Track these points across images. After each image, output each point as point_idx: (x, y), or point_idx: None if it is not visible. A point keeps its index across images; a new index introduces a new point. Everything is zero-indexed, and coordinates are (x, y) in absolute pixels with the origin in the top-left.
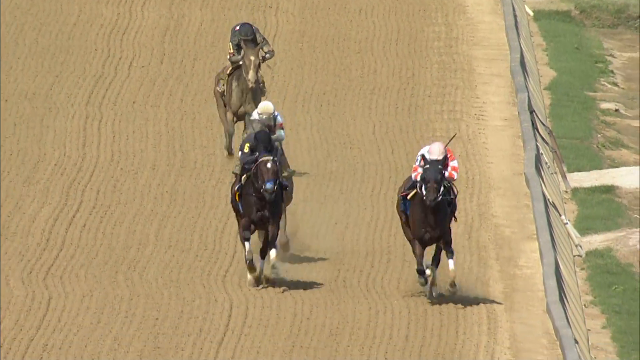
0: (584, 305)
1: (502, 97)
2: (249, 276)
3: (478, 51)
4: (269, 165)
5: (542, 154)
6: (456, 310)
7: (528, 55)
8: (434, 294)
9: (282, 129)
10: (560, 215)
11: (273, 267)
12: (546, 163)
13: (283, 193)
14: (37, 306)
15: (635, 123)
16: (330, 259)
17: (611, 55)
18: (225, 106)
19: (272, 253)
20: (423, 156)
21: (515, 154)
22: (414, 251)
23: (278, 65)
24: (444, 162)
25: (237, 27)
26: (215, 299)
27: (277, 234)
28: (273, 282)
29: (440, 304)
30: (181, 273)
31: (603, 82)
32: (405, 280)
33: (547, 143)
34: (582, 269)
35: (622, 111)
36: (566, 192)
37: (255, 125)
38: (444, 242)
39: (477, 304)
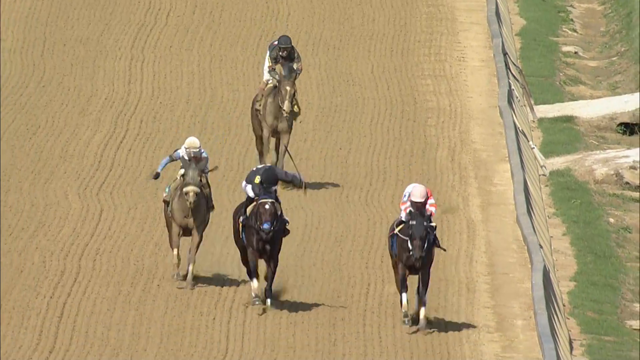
0: (548, 216)
1: (480, 42)
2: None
3: (460, 3)
4: (267, 206)
5: (513, 89)
6: (439, 221)
7: (502, 6)
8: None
9: (207, 160)
10: (528, 141)
11: (264, 310)
12: (517, 97)
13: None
14: (91, 217)
15: (592, 63)
16: (335, 179)
17: (571, 6)
18: (260, 124)
19: (268, 302)
20: (410, 211)
21: (490, 90)
22: (397, 278)
23: (291, 15)
24: (429, 216)
25: (276, 42)
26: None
27: (276, 266)
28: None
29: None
30: (213, 190)
31: (564, 29)
32: (399, 197)
33: (517, 80)
34: (546, 185)
35: (580, 53)
36: (533, 121)
37: (191, 170)
38: (422, 282)
39: (458, 214)
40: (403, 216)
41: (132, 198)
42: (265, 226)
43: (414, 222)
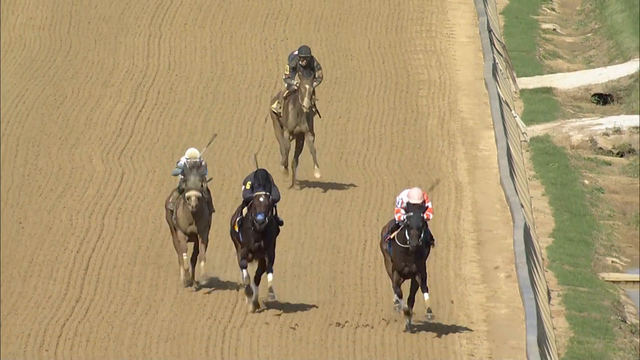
0: (528, 178)
1: (467, 20)
2: (246, 299)
3: None
4: (261, 199)
5: (497, 63)
6: (430, 181)
7: None
8: (410, 325)
9: (206, 168)
10: (511, 110)
11: (270, 290)
12: (500, 70)
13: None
14: (113, 179)
15: (568, 39)
16: (335, 145)
17: None
18: (281, 126)
19: (269, 277)
20: (407, 203)
21: (477, 64)
22: (393, 282)
23: None
24: (423, 206)
25: (296, 52)
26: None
27: (272, 261)
28: (268, 305)
29: (418, 184)
30: (223, 154)
31: (544, 8)
32: (393, 161)
33: (501, 55)
34: (527, 151)
35: (558, 30)
36: (515, 92)
37: (192, 177)
38: (421, 279)
39: (447, 177)
40: (397, 221)
41: (150, 162)
42: (259, 217)
43: (411, 214)
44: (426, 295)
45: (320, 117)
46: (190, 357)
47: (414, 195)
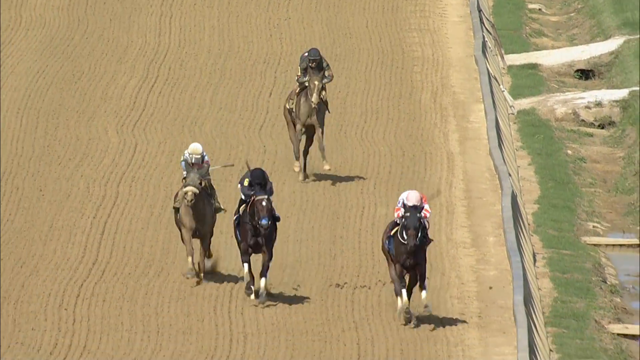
0: (516, 149)
1: (458, 0)
2: (246, 292)
3: None
4: (264, 203)
5: (486, 41)
6: (424, 153)
7: None
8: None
9: (209, 165)
10: (499, 85)
11: (260, 295)
12: (489, 47)
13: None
14: (127, 149)
15: (553, 18)
16: (334, 118)
17: None
18: (294, 124)
19: (262, 282)
20: (404, 204)
21: (467, 41)
22: (395, 281)
23: None
24: (421, 208)
25: (306, 53)
26: (253, 146)
27: (271, 258)
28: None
29: (412, 154)
30: (230, 127)
31: None
32: (389, 133)
33: (490, 33)
34: (515, 123)
35: (543, 10)
36: (503, 68)
37: (192, 174)
38: (420, 275)
39: (439, 148)
40: (397, 220)
41: (162, 134)
42: (264, 222)
43: (408, 214)
44: (424, 292)
45: (329, 112)
46: (199, 316)
47: (411, 198)
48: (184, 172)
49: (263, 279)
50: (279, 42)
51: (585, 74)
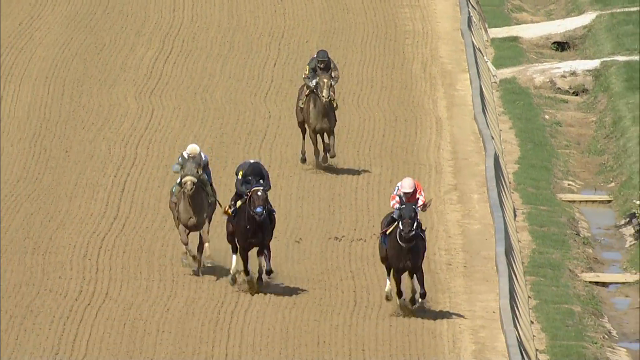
0: (498, 114)
1: None
2: (243, 279)
3: None
4: (259, 193)
5: (472, 16)
6: (414, 118)
7: None
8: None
9: (208, 166)
10: (483, 56)
11: (259, 279)
12: (474, 22)
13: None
14: (145, 115)
15: None
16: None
17: None
18: (303, 120)
19: (262, 260)
20: (399, 197)
21: (454, 16)
22: (389, 277)
23: None
24: (414, 193)
25: (315, 55)
26: (259, 112)
27: (266, 250)
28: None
29: (404, 119)
30: (238, 94)
31: None
32: (383, 100)
33: (475, 9)
34: (497, 90)
35: None
36: (487, 41)
37: (189, 164)
38: (418, 275)
39: (429, 113)
40: (395, 214)
41: (176, 100)
42: (258, 210)
43: (403, 206)
44: (418, 293)
45: (337, 107)
46: (211, 268)
47: (405, 185)
48: (177, 169)
49: (262, 258)
50: (283, 17)
51: (561, 46)
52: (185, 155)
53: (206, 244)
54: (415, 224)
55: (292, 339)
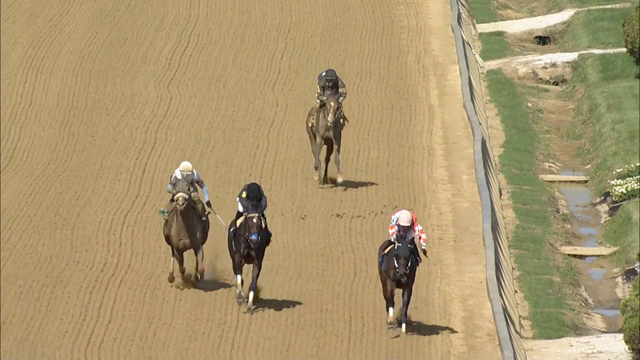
0: (485, 102)
1: None
2: (237, 301)
3: None
4: (254, 220)
5: (461, 13)
6: (409, 106)
7: None
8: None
9: (204, 185)
10: (471, 49)
11: (249, 305)
12: (464, 18)
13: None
14: (164, 103)
15: None
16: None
17: None
18: (314, 136)
19: (250, 295)
20: (396, 236)
21: (445, 13)
22: (386, 294)
23: None
24: (411, 227)
25: (324, 73)
26: (267, 100)
27: (259, 270)
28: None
29: (399, 107)
30: (248, 84)
31: None
32: (380, 89)
33: (464, 6)
34: (484, 80)
35: None
36: (475, 35)
37: (181, 183)
38: (407, 293)
39: (422, 102)
40: (392, 239)
41: (192, 89)
42: (253, 237)
43: (400, 244)
44: (404, 326)
45: (347, 122)
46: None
47: (403, 218)
48: (170, 189)
49: (251, 293)
50: (289, 14)
51: (543, 40)
52: (178, 174)
53: (202, 266)
54: (409, 264)
55: (298, 307)
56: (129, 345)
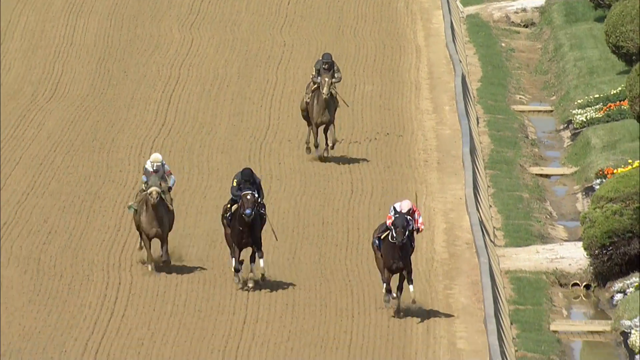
0: (465, 42)
1: None
2: (234, 278)
3: None
4: (249, 197)
5: None
6: (399, 46)
7: None
8: (399, 313)
9: (171, 174)
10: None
11: (262, 278)
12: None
13: (260, 220)
14: (186, 43)
15: None
16: (334, 20)
17: None
18: (309, 115)
19: (261, 262)
20: (394, 209)
21: None
22: (382, 278)
23: None
24: (410, 213)
25: (320, 58)
26: (276, 41)
27: (260, 248)
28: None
29: (391, 47)
30: (259, 27)
31: None
32: (374, 30)
33: None
34: (464, 24)
35: None
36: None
37: (153, 177)
38: (407, 272)
39: (410, 42)
40: (387, 222)
41: (211, 31)
42: (247, 212)
43: (397, 215)
44: (411, 287)
45: (348, 105)
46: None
47: (404, 206)
48: (143, 182)
49: (261, 260)
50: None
51: None
52: (149, 165)
53: (167, 257)
54: (406, 233)
55: (302, 220)
56: (159, 250)
